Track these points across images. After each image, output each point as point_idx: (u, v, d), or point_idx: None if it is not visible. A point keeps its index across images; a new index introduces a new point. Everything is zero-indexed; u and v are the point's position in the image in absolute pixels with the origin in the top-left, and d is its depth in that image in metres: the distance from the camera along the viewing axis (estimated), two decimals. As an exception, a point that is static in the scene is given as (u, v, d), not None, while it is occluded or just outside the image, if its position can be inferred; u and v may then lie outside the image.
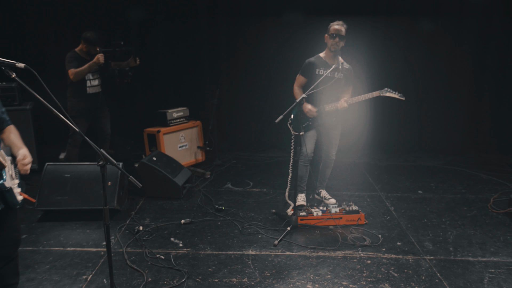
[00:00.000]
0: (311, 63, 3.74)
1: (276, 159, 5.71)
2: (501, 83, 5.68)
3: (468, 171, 5.26)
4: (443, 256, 3.20)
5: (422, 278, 2.90)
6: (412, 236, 3.51)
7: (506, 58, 5.57)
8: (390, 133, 5.89)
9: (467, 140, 5.91)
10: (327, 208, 3.72)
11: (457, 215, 3.95)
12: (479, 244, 3.39)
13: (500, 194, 4.45)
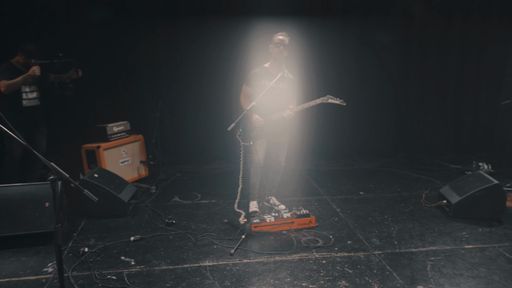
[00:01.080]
0: (256, 74, 3.82)
1: (222, 170, 5.70)
2: (423, 89, 6.27)
3: (400, 171, 5.68)
4: (390, 249, 3.41)
5: (374, 272, 3.06)
6: (360, 234, 3.70)
7: (425, 65, 6.17)
8: (329, 140, 6.19)
9: (397, 143, 6.41)
10: (279, 214, 3.79)
11: (396, 211, 4.24)
12: (419, 236, 3.67)
13: (430, 190, 4.88)
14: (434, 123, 6.39)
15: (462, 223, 3.96)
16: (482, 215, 4.04)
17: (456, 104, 6.34)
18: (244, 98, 3.88)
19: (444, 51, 6.12)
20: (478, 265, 3.19)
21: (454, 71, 6.21)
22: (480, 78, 6.22)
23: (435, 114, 6.35)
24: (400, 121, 6.38)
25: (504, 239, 3.65)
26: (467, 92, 6.28)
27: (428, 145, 6.42)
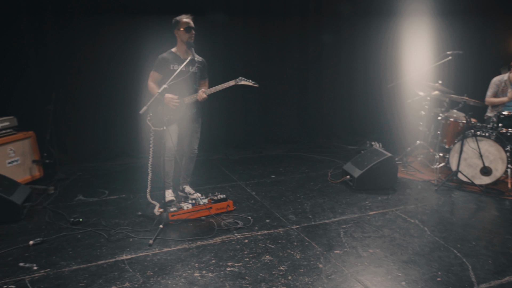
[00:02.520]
0: (165, 59, 3.67)
1: (129, 165, 5.37)
2: (320, 79, 6.72)
3: (306, 155, 6.02)
4: (306, 223, 3.58)
5: (295, 244, 3.18)
6: (277, 212, 3.81)
7: (322, 56, 6.62)
8: (237, 130, 6.27)
9: (301, 129, 6.77)
10: (196, 201, 3.71)
11: (307, 189, 4.47)
12: (330, 209, 3.92)
13: (334, 168, 5.26)
14: (332, 110, 6.90)
15: (365, 194, 4.34)
16: (380, 185, 4.49)
17: (348, 91, 6.92)
18: (153, 84, 3.70)
19: (337, 47, 6.65)
20: (381, 227, 3.53)
21: (345, 62, 6.77)
22: (367, 68, 6.87)
23: (332, 101, 6.86)
24: (302, 109, 6.75)
25: (399, 203, 4.10)
26: (358, 80, 6.90)
27: (328, 130, 6.91)
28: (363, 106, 6.99)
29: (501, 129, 4.63)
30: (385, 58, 6.76)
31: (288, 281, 2.66)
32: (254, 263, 2.87)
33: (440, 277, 2.76)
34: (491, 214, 3.98)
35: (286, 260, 2.92)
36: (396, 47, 6.62)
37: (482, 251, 3.18)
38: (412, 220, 3.70)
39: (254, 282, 2.63)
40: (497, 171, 4.54)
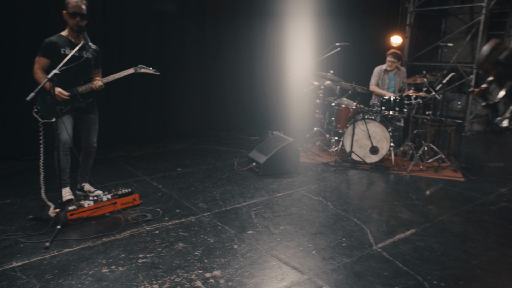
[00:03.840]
0: (53, 43, 3.31)
1: (10, 170, 4.72)
2: (221, 73, 6.75)
3: (211, 147, 6.00)
4: (217, 209, 3.56)
5: (208, 229, 3.14)
6: (187, 202, 3.73)
7: (222, 50, 6.66)
8: (137, 125, 5.96)
9: (204, 123, 6.72)
10: (98, 197, 3.42)
11: (215, 179, 4.46)
12: (239, 194, 3.96)
13: (240, 158, 5.33)
14: (234, 103, 6.99)
15: (271, 178, 4.49)
16: (284, 169, 4.68)
17: (249, 85, 7.08)
18: (41, 71, 3.31)
19: (236, 42, 6.75)
20: (289, 206, 3.69)
21: (244, 56, 6.91)
22: (264, 61, 7.11)
23: (234, 95, 6.95)
24: (205, 103, 6.70)
25: (303, 184, 4.33)
26: (257, 73, 7.10)
27: (231, 122, 6.99)
28: (263, 98, 7.22)
29: (383, 112, 5.20)
30: (281, 52, 7.08)
31: (205, 264, 2.61)
32: (167, 252, 2.76)
33: (345, 243, 2.99)
34: (381, 187, 4.44)
35: (201, 245, 2.87)
36: (291, 42, 6.98)
37: (376, 217, 3.53)
38: (316, 198, 3.93)
39: (170, 270, 2.53)
40: (383, 150, 5.08)
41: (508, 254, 2.94)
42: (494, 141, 7.41)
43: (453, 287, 2.47)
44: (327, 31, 7.13)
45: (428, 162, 5.25)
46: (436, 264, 2.74)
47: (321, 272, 2.57)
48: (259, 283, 2.41)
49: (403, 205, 3.84)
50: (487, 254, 2.92)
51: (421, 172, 4.96)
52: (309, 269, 2.60)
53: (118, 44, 5.53)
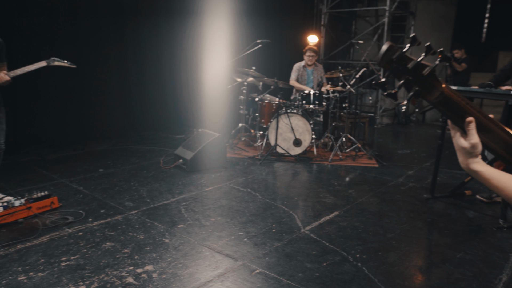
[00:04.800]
0: None
1: None
2: (143, 71, 6.53)
3: (134, 147, 5.77)
4: (145, 207, 3.45)
5: (136, 227, 3.04)
6: (112, 202, 3.55)
7: (143, 49, 6.44)
8: (52, 126, 5.52)
9: (126, 123, 6.44)
10: (9, 203, 3.12)
11: (141, 177, 4.31)
12: (167, 191, 3.88)
13: (165, 156, 5.21)
14: (157, 102, 6.80)
15: (199, 174, 4.47)
16: (212, 164, 4.69)
17: (172, 83, 6.95)
18: None
19: (157, 39, 6.58)
20: (219, 198, 3.71)
21: (166, 55, 6.77)
22: (186, 60, 7.04)
23: (156, 94, 6.76)
24: (126, 102, 6.43)
25: (231, 178, 4.38)
26: (180, 71, 7.00)
27: (154, 122, 6.79)
28: (186, 96, 7.12)
29: (304, 106, 5.46)
30: (202, 50, 7.06)
31: (135, 261, 2.52)
32: (93, 252, 2.61)
33: (275, 229, 3.09)
34: (305, 176, 4.66)
35: (130, 243, 2.76)
36: (212, 40, 6.99)
37: (303, 203, 3.70)
38: (244, 190, 4.00)
39: (97, 270, 2.40)
40: (305, 142, 5.33)
41: (417, 226, 3.28)
42: (401, 132, 8.18)
43: (373, 258, 2.69)
44: (247, 29, 7.27)
45: (347, 152, 5.63)
46: (358, 240, 2.96)
47: (254, 257, 2.63)
48: (194, 273, 2.40)
49: (326, 191, 4.07)
50: (400, 227, 3.22)
51: (341, 161, 5.30)
52: (242, 256, 2.64)
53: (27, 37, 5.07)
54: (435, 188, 3.98)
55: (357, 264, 2.60)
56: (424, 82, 0.92)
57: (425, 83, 0.92)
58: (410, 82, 0.92)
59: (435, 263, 2.70)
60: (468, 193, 4.09)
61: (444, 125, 3.97)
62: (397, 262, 2.66)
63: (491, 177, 0.94)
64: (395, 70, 0.92)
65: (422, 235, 3.15)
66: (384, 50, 0.91)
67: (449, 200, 3.92)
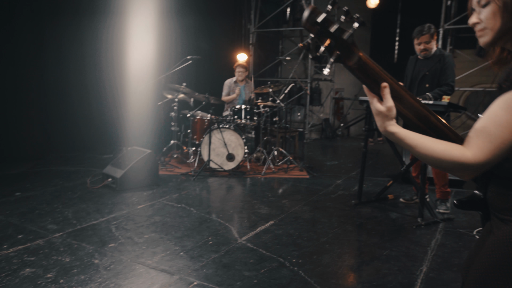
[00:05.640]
0: None
1: None
2: (66, 89, 6.16)
3: (57, 168, 5.37)
4: (71, 228, 3.21)
5: (61, 249, 2.81)
6: (32, 226, 3.25)
7: (65, 61, 6.10)
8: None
9: (46, 143, 5.99)
10: None
11: (65, 199, 4.00)
12: (95, 211, 3.66)
13: (93, 176, 4.92)
14: (81, 120, 6.44)
15: (130, 192, 4.28)
16: (143, 182, 4.52)
17: (98, 100, 6.64)
18: None
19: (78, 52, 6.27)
20: (152, 215, 3.58)
21: (91, 70, 6.47)
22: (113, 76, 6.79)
23: (80, 111, 6.40)
24: (46, 120, 6.00)
25: (164, 194, 4.26)
26: (105, 88, 6.71)
27: (79, 142, 6.40)
28: (114, 114, 6.84)
29: (236, 121, 5.53)
30: (132, 66, 6.88)
31: (61, 285, 2.32)
32: (9, 280, 2.36)
33: (211, 241, 3.05)
34: (239, 189, 4.69)
35: (54, 267, 2.54)
36: (142, 56, 6.84)
37: (238, 215, 3.71)
38: (179, 205, 3.91)
39: (16, 298, 2.17)
40: (238, 156, 5.38)
41: (347, 229, 3.45)
42: (329, 145, 8.61)
43: (309, 261, 2.77)
44: (177, 46, 7.24)
45: (279, 165, 5.78)
46: (294, 246, 3.03)
47: (191, 270, 2.57)
48: (127, 292, 2.27)
49: (261, 203, 4.12)
50: (332, 232, 3.36)
51: (273, 173, 5.42)
52: (178, 270, 2.56)
53: None
54: (361, 194, 4.23)
55: (293, 268, 2.66)
56: (344, 47, 0.97)
57: (345, 48, 0.98)
58: (332, 47, 0.97)
59: (365, 261, 2.85)
60: (390, 197, 4.40)
61: (367, 135, 4.27)
62: (331, 263, 2.77)
63: (405, 137, 1.02)
64: (318, 32, 0.96)
65: (352, 237, 3.31)
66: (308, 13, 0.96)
67: (375, 204, 4.18)
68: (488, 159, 0.92)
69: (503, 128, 0.90)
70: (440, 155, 0.97)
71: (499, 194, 1.04)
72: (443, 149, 0.97)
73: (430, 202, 3.91)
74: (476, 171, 0.95)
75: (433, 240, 3.24)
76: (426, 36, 3.80)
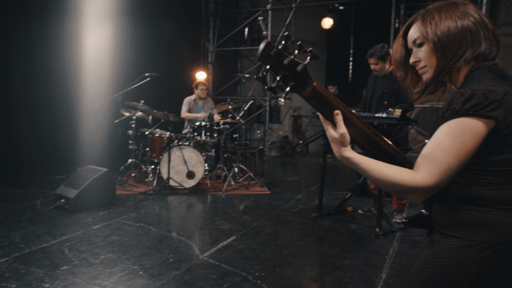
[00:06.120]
0: None
1: None
2: (11, 102, 5.85)
3: (2, 191, 5.03)
4: (18, 253, 3.00)
5: (7, 275, 2.61)
6: (-26, 251, 3.01)
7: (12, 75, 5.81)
8: None
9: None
10: None
11: (12, 222, 3.74)
12: (46, 234, 3.45)
13: (43, 197, 4.65)
14: (30, 139, 6.12)
15: (85, 213, 4.08)
16: (99, 202, 4.33)
17: (49, 117, 6.35)
18: None
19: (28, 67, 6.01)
20: (109, 235, 3.43)
21: (41, 85, 6.21)
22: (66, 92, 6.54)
23: (29, 128, 6.09)
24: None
25: (122, 214, 4.10)
26: (58, 106, 6.45)
27: (28, 163, 6.06)
28: (68, 132, 6.56)
29: (196, 138, 5.48)
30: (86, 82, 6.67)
31: (7, 312, 2.15)
32: None
33: (172, 258, 2.96)
34: (200, 207, 4.62)
35: (-1, 293, 2.35)
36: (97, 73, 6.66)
37: (199, 232, 3.64)
38: (137, 224, 3.78)
39: (-46, 328, 1.97)
40: (199, 174, 5.31)
41: (309, 241, 3.47)
42: (289, 162, 8.72)
43: (272, 274, 2.75)
44: (136, 63, 7.12)
45: (240, 182, 5.76)
46: (256, 260, 3.00)
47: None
48: (81, 315, 2.14)
49: (222, 219, 4.07)
50: (294, 244, 3.37)
51: (234, 190, 5.38)
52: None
53: None
54: (321, 207, 4.29)
55: (256, 281, 2.62)
56: (299, 78, 1.03)
57: (300, 79, 1.03)
58: (287, 77, 1.02)
59: (327, 271, 2.88)
60: (349, 209, 4.50)
61: (326, 149, 4.37)
62: (294, 275, 2.76)
63: (359, 162, 1.07)
64: (273, 65, 1.01)
65: (314, 249, 3.34)
66: (262, 47, 1.00)
67: (335, 217, 4.26)
68: (436, 182, 0.98)
69: (448, 153, 0.97)
70: (391, 179, 1.02)
71: (442, 211, 1.12)
72: (394, 174, 1.02)
73: (387, 212, 4.04)
74: (425, 194, 1.01)
75: (391, 249, 3.33)
76: (373, 58, 3.99)
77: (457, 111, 0.98)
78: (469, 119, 0.96)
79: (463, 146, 0.96)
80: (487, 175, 1.02)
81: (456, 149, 0.97)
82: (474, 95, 0.96)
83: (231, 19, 10.20)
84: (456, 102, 0.98)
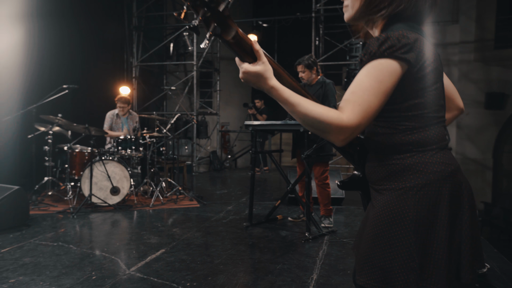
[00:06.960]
0: None
1: None
2: None
3: None
4: None
5: None
6: None
7: None
8: None
9: None
10: None
11: None
12: None
13: None
14: None
15: (-9, 235, 3.65)
16: (9, 223, 3.91)
17: None
18: None
19: None
20: (21, 258, 3.10)
21: None
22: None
23: None
24: None
25: (37, 234, 3.74)
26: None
27: None
28: None
29: (121, 152, 5.23)
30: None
31: None
32: None
33: (95, 275, 2.75)
34: (126, 222, 4.38)
35: None
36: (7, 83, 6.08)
37: (126, 247, 3.44)
38: (55, 244, 3.46)
39: None
40: (124, 189, 5.05)
41: (240, 249, 3.46)
42: (218, 176, 8.67)
43: (204, 283, 2.67)
44: (53, 74, 6.64)
45: (168, 196, 5.58)
46: (187, 270, 2.91)
47: (71, 308, 2.26)
48: None
49: (150, 233, 3.90)
50: (226, 253, 3.33)
51: (162, 205, 5.20)
52: (55, 310, 2.23)
53: None
54: (252, 217, 4.31)
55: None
56: (222, 20, 0.97)
57: (223, 21, 0.98)
58: (209, 18, 0.96)
59: (260, 276, 2.88)
60: (279, 217, 4.58)
61: (254, 158, 4.43)
62: (227, 282, 2.72)
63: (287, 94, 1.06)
64: (193, 2, 0.95)
65: (246, 256, 3.33)
66: None
67: (265, 225, 4.30)
68: (359, 121, 1.02)
69: (369, 92, 1.03)
70: (317, 116, 1.03)
71: (373, 167, 1.17)
72: (321, 111, 1.04)
73: (316, 218, 4.18)
74: (350, 134, 1.03)
75: (320, 251, 3.44)
76: (301, 66, 4.21)
77: (374, 54, 1.04)
78: (385, 59, 1.03)
79: (382, 85, 1.02)
80: (405, 120, 1.09)
81: (376, 88, 1.02)
82: (388, 38, 1.03)
83: (156, 34, 10.05)
84: (373, 46, 1.05)
